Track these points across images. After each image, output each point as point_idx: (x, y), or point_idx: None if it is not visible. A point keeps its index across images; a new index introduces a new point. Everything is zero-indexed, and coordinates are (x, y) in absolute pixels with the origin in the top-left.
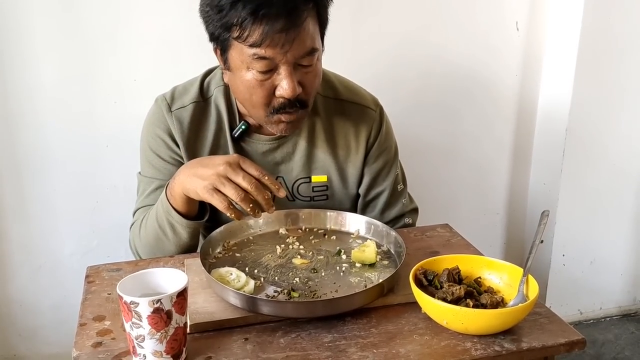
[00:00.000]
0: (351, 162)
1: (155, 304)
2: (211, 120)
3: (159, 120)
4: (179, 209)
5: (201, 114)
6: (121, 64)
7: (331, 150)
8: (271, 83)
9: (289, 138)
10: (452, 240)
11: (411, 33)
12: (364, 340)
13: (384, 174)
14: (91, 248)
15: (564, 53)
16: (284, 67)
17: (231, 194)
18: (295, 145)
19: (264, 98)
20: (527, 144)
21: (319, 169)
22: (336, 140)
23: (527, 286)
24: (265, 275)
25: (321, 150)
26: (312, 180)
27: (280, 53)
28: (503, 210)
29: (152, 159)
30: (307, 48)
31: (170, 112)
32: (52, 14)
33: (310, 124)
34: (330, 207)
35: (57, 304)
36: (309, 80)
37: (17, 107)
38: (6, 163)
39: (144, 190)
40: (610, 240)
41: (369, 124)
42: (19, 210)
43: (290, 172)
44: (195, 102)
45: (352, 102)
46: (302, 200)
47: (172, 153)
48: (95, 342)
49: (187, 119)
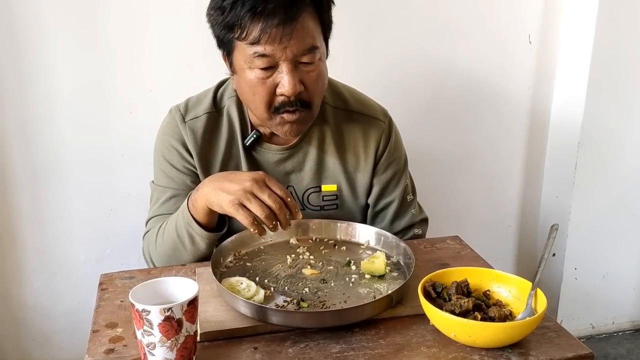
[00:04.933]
0: (360, 172)
1: (166, 312)
2: (223, 130)
3: (172, 131)
4: (200, 221)
5: (214, 125)
6: (137, 75)
7: (341, 160)
8: (272, 81)
9: (300, 148)
10: (462, 252)
11: (423, 45)
12: (372, 351)
13: (393, 185)
14: (105, 255)
15: (576, 66)
16: (284, 64)
17: (257, 211)
18: (306, 155)
19: (266, 96)
20: (539, 156)
21: (328, 179)
22: (346, 150)
23: (536, 300)
24: (275, 285)
25: (331, 159)
26: (322, 189)
27: (279, 49)
28: (515, 222)
29: (166, 168)
30: (306, 45)
31: (184, 122)
32: (70, 26)
33: (320, 134)
34: (339, 217)
35: (71, 310)
36: (311, 80)
37: (35, 116)
38: (23, 170)
39: (158, 199)
40: (623, 254)
41: (377, 135)
42: (35, 217)
43: (300, 181)
44: (208, 113)
45: (361, 113)
46: (312, 209)
47: (186, 163)
48: (107, 348)
49: (200, 129)
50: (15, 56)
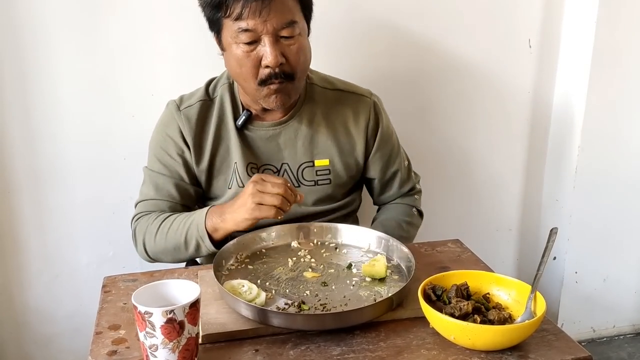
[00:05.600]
0: (352, 146)
1: (168, 314)
2: (214, 115)
3: (169, 122)
4: (215, 238)
5: (207, 111)
6: (139, 79)
7: (332, 136)
8: (256, 54)
9: (291, 124)
10: (462, 255)
11: (424, 50)
12: (373, 353)
13: (395, 155)
14: (107, 258)
15: (576, 70)
16: (265, 37)
17: (271, 201)
18: (297, 131)
19: (251, 69)
20: (540, 160)
21: (321, 154)
22: (336, 126)
23: (535, 303)
24: (276, 288)
25: (322, 135)
26: (315, 164)
27: (260, 23)
28: (515, 226)
29: (161, 155)
30: (285, 19)
31: (179, 111)
32: (73, 30)
33: (310, 111)
34: (333, 191)
35: (72, 312)
36: (292, 53)
37: (37, 119)
38: (26, 174)
39: (149, 183)
40: (623, 257)
41: (366, 110)
42: (38, 220)
43: (294, 157)
44: (201, 101)
45: (348, 91)
46: (306, 185)
47: (180, 152)
48: (110, 350)
49: (194, 115)
50: (17, 60)
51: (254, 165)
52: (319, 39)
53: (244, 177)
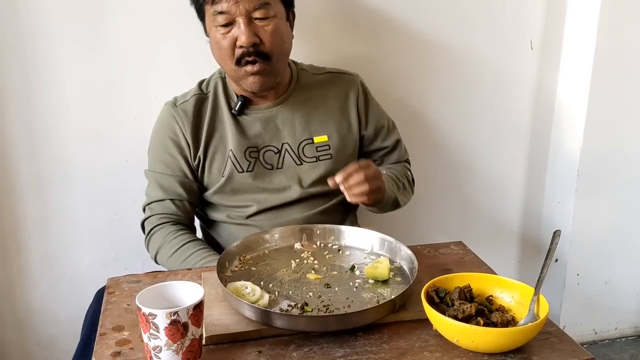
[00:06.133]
0: (347, 122)
1: (172, 316)
2: (209, 106)
3: (167, 121)
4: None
5: (202, 104)
6: (142, 81)
7: (327, 113)
8: (232, 36)
9: (286, 105)
10: (465, 258)
11: (425, 51)
12: (375, 355)
13: (390, 129)
14: (109, 260)
15: (578, 72)
16: (239, 19)
17: None
18: (293, 111)
19: (228, 49)
20: (542, 162)
21: (319, 130)
22: (330, 104)
23: (538, 305)
24: (279, 290)
25: (318, 113)
26: (315, 140)
27: (233, 5)
28: (518, 228)
29: (162, 155)
30: (258, 0)
31: (176, 107)
32: (76, 32)
33: (303, 92)
34: (334, 167)
35: (75, 313)
36: (266, 33)
37: (39, 122)
38: (28, 176)
39: (155, 184)
40: (626, 259)
41: (355, 88)
42: (40, 222)
43: (293, 136)
44: (196, 95)
45: (336, 72)
46: (308, 162)
47: (180, 149)
48: (114, 351)
49: (190, 109)
50: (20, 62)
51: (254, 149)
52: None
53: (242, 162)
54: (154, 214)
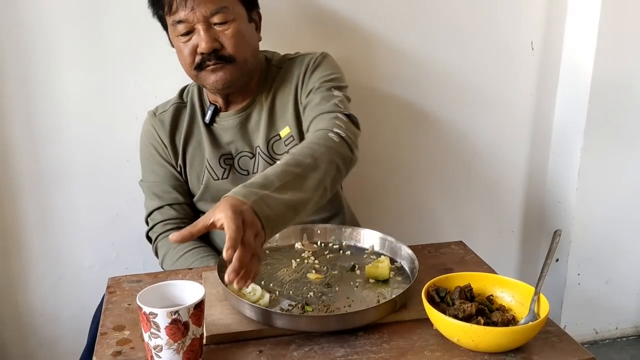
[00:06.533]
0: (296, 104)
1: (173, 315)
2: (187, 114)
3: (148, 130)
4: None
5: (179, 112)
6: (143, 81)
7: (286, 103)
8: (193, 44)
9: (255, 106)
10: (466, 257)
11: (426, 51)
12: (376, 355)
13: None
14: (110, 260)
15: (579, 73)
16: (198, 25)
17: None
18: (260, 112)
19: (189, 57)
20: (543, 162)
21: (282, 124)
22: (286, 93)
23: (539, 305)
24: (280, 289)
25: (279, 106)
26: (281, 135)
27: (190, 13)
28: (518, 228)
29: (150, 164)
30: (214, 6)
31: (155, 116)
32: (76, 32)
33: (268, 90)
34: None
35: (76, 314)
36: (226, 37)
37: (40, 122)
38: (29, 176)
39: (151, 194)
40: (626, 259)
41: (301, 65)
42: (41, 222)
43: (262, 137)
44: (175, 104)
45: (293, 57)
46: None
47: (165, 155)
48: (115, 351)
49: (168, 119)
50: (20, 62)
51: (229, 156)
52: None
53: (216, 169)
54: (156, 223)
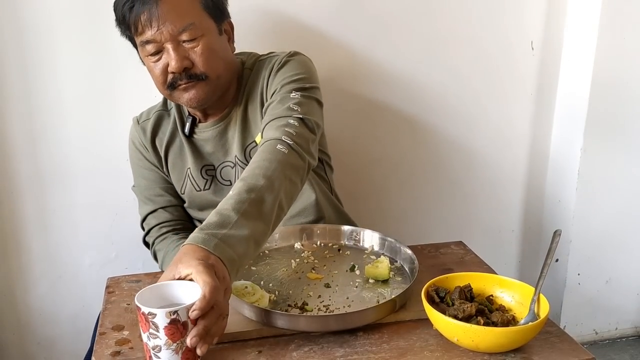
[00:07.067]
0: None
1: (172, 315)
2: (170, 123)
3: (133, 137)
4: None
5: (162, 121)
6: (141, 80)
7: (254, 107)
8: (162, 63)
9: (230, 116)
10: (465, 257)
11: (426, 52)
12: (376, 355)
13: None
14: (110, 260)
15: (579, 72)
16: (166, 45)
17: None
18: (236, 120)
19: (160, 76)
20: (542, 162)
21: (256, 129)
22: (254, 96)
23: (539, 305)
24: (279, 289)
25: (251, 111)
26: (257, 141)
27: (157, 33)
28: (518, 228)
29: (139, 170)
30: (180, 23)
31: (138, 124)
32: (75, 31)
33: (242, 96)
34: None
35: (75, 313)
36: (196, 55)
37: (40, 122)
38: (28, 175)
39: (144, 198)
40: (626, 259)
41: (269, 64)
42: (41, 222)
43: (239, 145)
44: (158, 112)
45: (266, 57)
46: None
47: (151, 158)
48: (113, 351)
49: (150, 127)
50: (20, 62)
51: (211, 167)
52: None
53: (198, 180)
54: (152, 227)
